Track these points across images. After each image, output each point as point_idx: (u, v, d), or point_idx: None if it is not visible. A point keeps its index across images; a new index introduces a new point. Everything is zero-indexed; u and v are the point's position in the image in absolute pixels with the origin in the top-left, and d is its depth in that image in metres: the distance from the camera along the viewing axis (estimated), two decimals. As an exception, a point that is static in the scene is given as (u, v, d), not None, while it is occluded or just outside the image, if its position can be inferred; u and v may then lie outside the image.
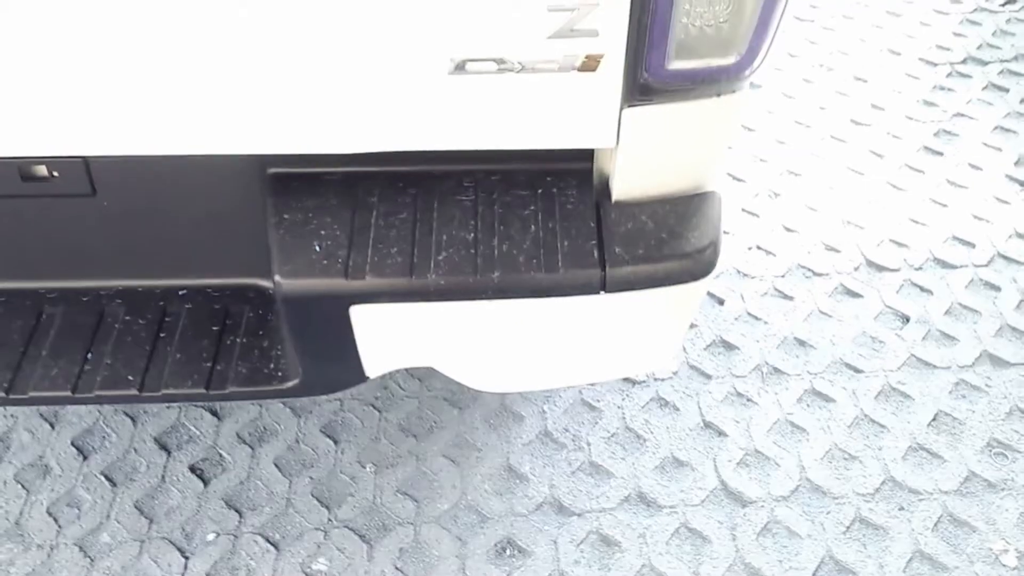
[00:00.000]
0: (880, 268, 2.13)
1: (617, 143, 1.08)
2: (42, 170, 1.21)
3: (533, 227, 1.14)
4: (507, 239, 1.12)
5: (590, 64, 1.00)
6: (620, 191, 1.15)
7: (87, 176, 1.21)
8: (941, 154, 2.44)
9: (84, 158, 1.16)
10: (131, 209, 1.26)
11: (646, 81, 1.02)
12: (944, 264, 2.13)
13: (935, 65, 2.76)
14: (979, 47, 2.83)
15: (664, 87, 1.03)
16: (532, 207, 1.16)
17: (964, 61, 2.78)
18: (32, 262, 1.31)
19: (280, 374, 1.24)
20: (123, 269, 1.31)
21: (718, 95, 1.06)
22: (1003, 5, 3.01)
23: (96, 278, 1.31)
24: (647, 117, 1.06)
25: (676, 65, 1.01)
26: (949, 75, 2.72)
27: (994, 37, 2.87)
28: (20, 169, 1.20)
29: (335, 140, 1.05)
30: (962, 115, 2.57)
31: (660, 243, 1.12)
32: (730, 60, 1.01)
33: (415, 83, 1.00)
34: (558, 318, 1.15)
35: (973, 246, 2.17)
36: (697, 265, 1.13)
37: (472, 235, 1.12)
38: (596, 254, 1.10)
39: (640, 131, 1.07)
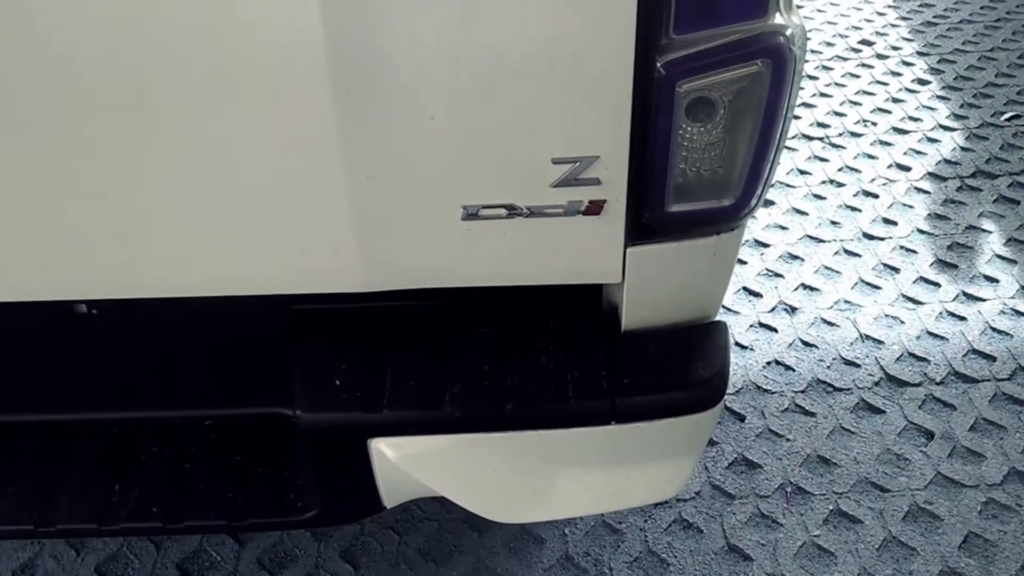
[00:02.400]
0: (901, 383, 2.13)
1: (623, 279, 1.13)
2: (81, 307, 1.29)
3: (544, 358, 1.18)
4: (519, 370, 1.16)
5: (594, 208, 1.06)
6: (628, 322, 1.19)
7: (124, 313, 1.28)
8: (956, 267, 2.47)
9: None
10: (163, 343, 1.32)
11: (648, 222, 1.08)
12: (965, 378, 2.12)
13: (944, 179, 2.83)
14: (987, 161, 2.90)
15: (665, 228, 1.09)
16: (543, 338, 1.20)
17: (973, 175, 2.84)
18: (66, 394, 1.37)
19: (300, 504, 1.26)
20: (153, 401, 1.36)
21: (718, 233, 1.11)
22: (1008, 120, 3.10)
23: (127, 410, 1.36)
24: (651, 255, 1.11)
25: (675, 208, 1.06)
26: (959, 189, 2.78)
27: (1002, 151, 2.94)
28: (59, 307, 1.27)
29: (356, 282, 1.11)
30: (974, 228, 2.61)
31: (669, 373, 1.15)
32: (726, 202, 1.07)
33: (431, 229, 1.07)
34: (570, 448, 1.17)
35: (994, 360, 2.17)
36: (706, 395, 1.15)
37: (485, 367, 1.16)
38: (606, 385, 1.13)
39: (645, 267, 1.12)
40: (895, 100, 3.26)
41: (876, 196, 2.77)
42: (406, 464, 1.17)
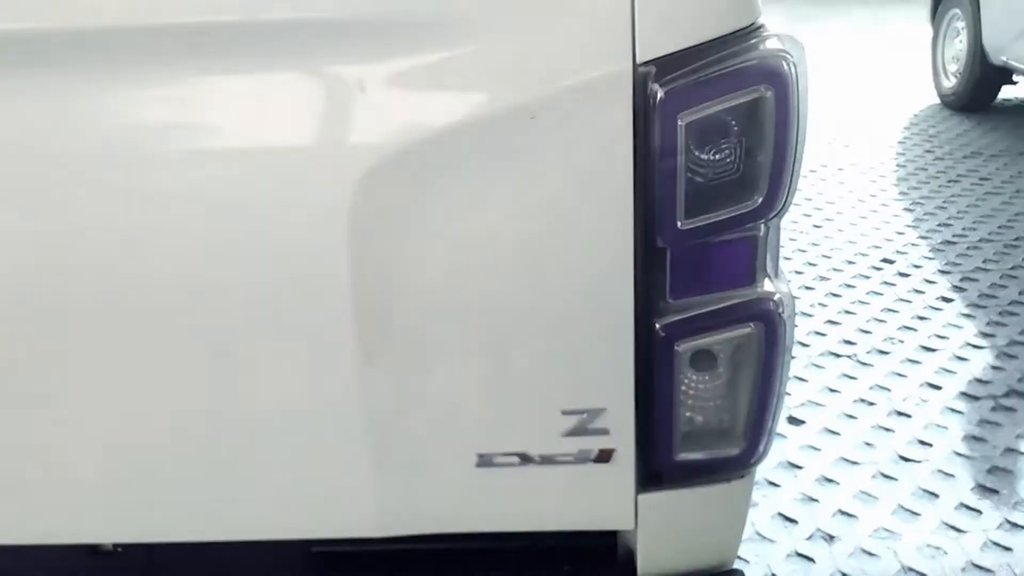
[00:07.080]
0: (951, 622, 2.01)
1: (636, 525, 1.14)
2: (106, 545, 1.32)
3: (560, 607, 1.17)
4: (534, 621, 1.15)
5: (603, 456, 1.09)
6: (644, 569, 1.19)
7: (148, 553, 1.31)
8: (997, 492, 2.39)
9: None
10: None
11: (657, 470, 1.11)
12: (1020, 618, 2.00)
13: (978, 399, 2.81)
14: (1019, 380, 2.88)
15: (674, 475, 1.11)
16: (559, 585, 1.20)
17: (1007, 394, 2.82)
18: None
19: None
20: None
21: (728, 481, 1.13)
22: (1037, 338, 3.12)
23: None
24: (662, 502, 1.13)
25: (682, 456, 1.10)
26: (993, 409, 2.75)
27: (1033, 369, 2.93)
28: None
29: (373, 527, 1.14)
30: (1013, 450, 2.56)
31: (686, 629, 1.13)
32: (733, 451, 1.10)
33: (446, 475, 1.11)
34: None
35: (1048, 597, 2.05)
36: (726, 651, 1.12)
37: (500, 616, 1.16)
38: (623, 638, 1.11)
39: (657, 514, 1.14)
40: (920, 318, 3.31)
41: (909, 416, 2.74)
42: None
